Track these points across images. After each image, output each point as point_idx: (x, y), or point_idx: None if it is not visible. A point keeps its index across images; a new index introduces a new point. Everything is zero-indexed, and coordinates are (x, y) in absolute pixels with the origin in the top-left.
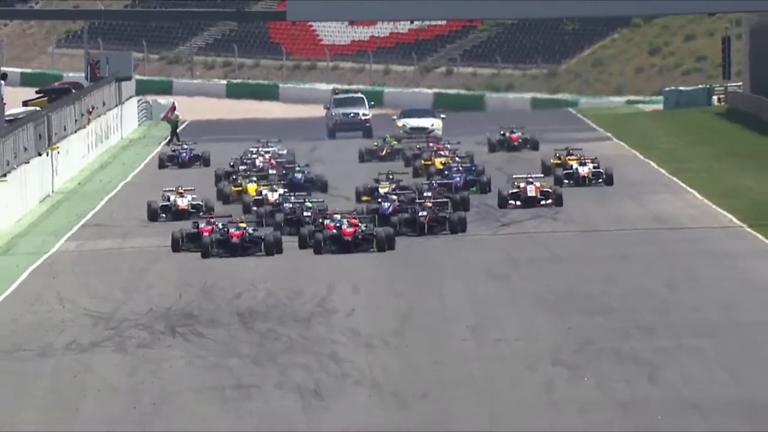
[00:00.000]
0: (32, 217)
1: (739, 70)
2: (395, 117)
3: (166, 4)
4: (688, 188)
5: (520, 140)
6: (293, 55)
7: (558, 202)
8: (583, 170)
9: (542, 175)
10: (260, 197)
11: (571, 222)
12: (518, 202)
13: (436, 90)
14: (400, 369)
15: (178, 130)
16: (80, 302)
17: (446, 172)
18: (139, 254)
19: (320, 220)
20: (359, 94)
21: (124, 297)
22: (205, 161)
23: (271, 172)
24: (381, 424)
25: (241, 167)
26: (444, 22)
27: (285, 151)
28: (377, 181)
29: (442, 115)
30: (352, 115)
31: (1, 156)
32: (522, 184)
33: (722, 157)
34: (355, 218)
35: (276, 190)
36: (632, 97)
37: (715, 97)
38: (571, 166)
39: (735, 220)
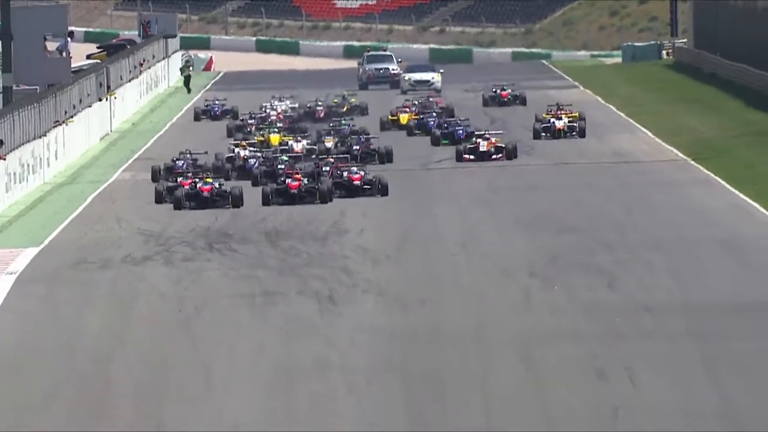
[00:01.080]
0: (94, 152)
1: (684, 29)
2: (402, 72)
3: None
4: (642, 128)
5: (510, 96)
6: (311, 17)
7: (510, 156)
8: (559, 124)
9: (501, 132)
10: (285, 146)
11: (542, 156)
12: (473, 156)
13: (431, 46)
14: (401, 279)
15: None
16: (134, 223)
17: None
18: None
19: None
20: (388, 52)
21: (170, 219)
22: (234, 114)
23: (278, 125)
24: (385, 325)
25: (249, 121)
26: None
27: (296, 105)
28: (324, 134)
29: (441, 70)
30: (382, 70)
31: (69, 101)
32: (479, 140)
33: (670, 102)
34: (298, 173)
35: (300, 141)
36: (595, 52)
37: (664, 52)
38: (549, 120)
39: (680, 154)
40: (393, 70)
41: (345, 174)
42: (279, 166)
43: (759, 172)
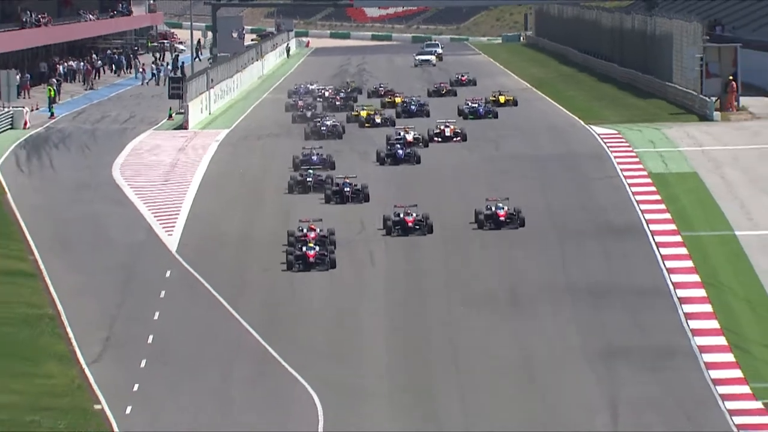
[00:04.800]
0: (254, 85)
1: (531, 26)
2: (415, 54)
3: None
4: (511, 73)
5: (467, 80)
6: (355, 20)
7: (464, 138)
8: (501, 99)
9: (454, 120)
10: (399, 137)
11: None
12: (440, 139)
13: (413, 35)
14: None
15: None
16: (272, 119)
17: (405, 106)
18: None
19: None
20: (437, 42)
21: (288, 122)
22: (312, 93)
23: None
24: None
25: (300, 102)
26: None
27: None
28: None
29: (438, 50)
30: (427, 55)
31: (243, 60)
32: (442, 127)
33: (524, 61)
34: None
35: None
36: (490, 38)
37: (521, 38)
38: (495, 99)
39: (528, 85)
40: (437, 53)
41: (401, 214)
42: (299, 233)
43: (566, 95)
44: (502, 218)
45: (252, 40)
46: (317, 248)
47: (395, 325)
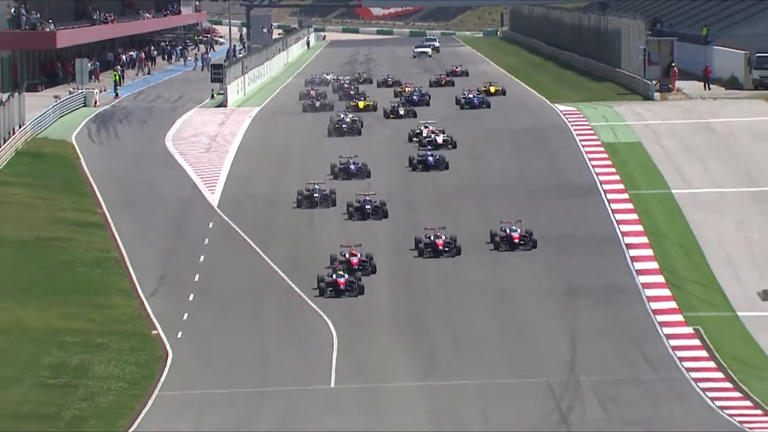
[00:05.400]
0: (280, 71)
1: (507, 23)
2: (414, 47)
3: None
4: (491, 61)
5: (461, 71)
6: (362, 18)
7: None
8: (491, 89)
9: (434, 120)
10: (431, 139)
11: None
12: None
13: (411, 29)
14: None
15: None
16: (294, 98)
17: (412, 96)
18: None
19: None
20: (434, 37)
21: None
22: (326, 82)
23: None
24: None
25: (311, 91)
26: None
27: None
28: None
29: (436, 44)
30: (425, 48)
31: (271, 51)
32: (422, 128)
33: (501, 52)
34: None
35: (440, 134)
36: (473, 32)
37: (498, 33)
38: (486, 89)
39: (504, 71)
40: (434, 47)
41: (432, 237)
42: (341, 257)
43: (534, 79)
44: (516, 240)
45: (278, 34)
46: (346, 276)
47: (399, 269)
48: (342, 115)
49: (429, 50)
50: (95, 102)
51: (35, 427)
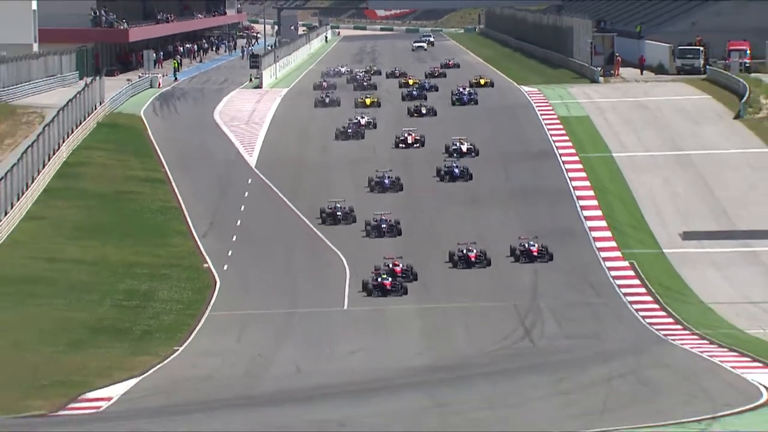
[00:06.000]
0: (304, 60)
1: (483, 22)
2: (412, 41)
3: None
4: (471, 53)
5: (453, 64)
6: (369, 18)
7: (422, 144)
8: (481, 81)
9: (416, 128)
10: (455, 147)
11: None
12: (404, 146)
13: (407, 27)
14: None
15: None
16: (313, 82)
17: (417, 85)
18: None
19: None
20: (429, 33)
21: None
22: (340, 74)
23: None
24: None
25: (324, 83)
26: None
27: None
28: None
29: (431, 39)
30: (422, 43)
31: (297, 44)
32: (406, 135)
33: (478, 45)
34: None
35: (464, 143)
36: (457, 29)
37: (476, 30)
38: (477, 81)
39: (482, 60)
40: (430, 42)
41: (464, 251)
42: (385, 267)
43: (505, 67)
44: (534, 254)
45: (303, 30)
46: (391, 279)
47: (402, 222)
48: (349, 120)
49: (425, 44)
50: (159, 84)
51: (113, 339)
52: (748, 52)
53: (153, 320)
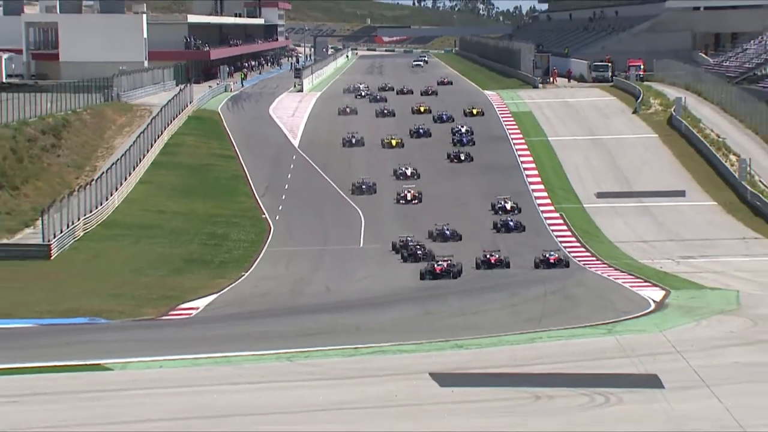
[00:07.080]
0: (332, 73)
1: (458, 46)
2: (412, 60)
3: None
4: (449, 67)
5: (447, 81)
6: (377, 42)
7: (420, 201)
8: (474, 111)
9: (414, 185)
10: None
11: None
12: (404, 202)
13: (405, 49)
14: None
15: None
16: (342, 86)
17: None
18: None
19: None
20: (425, 54)
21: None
22: (358, 89)
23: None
24: None
25: (348, 108)
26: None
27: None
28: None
29: (426, 59)
30: (420, 62)
31: (327, 60)
32: (405, 192)
33: (454, 61)
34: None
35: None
36: (439, 50)
37: (453, 51)
38: (470, 111)
39: (460, 75)
40: (425, 61)
41: (488, 256)
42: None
43: (474, 77)
44: (553, 261)
45: (331, 51)
46: (443, 264)
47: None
48: (362, 179)
49: (422, 63)
50: (231, 89)
51: (200, 267)
52: (642, 67)
53: (227, 254)
